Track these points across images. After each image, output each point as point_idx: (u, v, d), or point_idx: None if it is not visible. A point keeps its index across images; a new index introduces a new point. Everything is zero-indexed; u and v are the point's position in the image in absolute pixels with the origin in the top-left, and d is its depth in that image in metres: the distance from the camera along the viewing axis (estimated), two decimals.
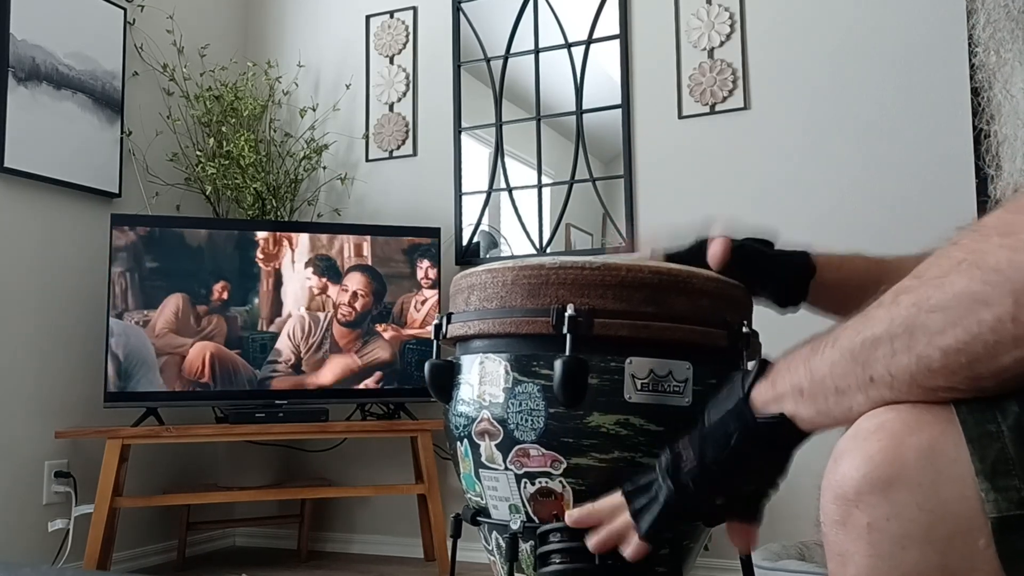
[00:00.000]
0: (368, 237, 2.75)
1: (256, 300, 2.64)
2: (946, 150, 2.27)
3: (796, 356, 0.69)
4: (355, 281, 2.72)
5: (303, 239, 2.70)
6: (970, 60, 1.94)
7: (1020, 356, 0.50)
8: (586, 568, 0.88)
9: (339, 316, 2.69)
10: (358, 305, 2.71)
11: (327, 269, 2.71)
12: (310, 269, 2.70)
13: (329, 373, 2.66)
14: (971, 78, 2.09)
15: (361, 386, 2.69)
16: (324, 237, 2.72)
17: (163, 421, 2.55)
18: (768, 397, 0.72)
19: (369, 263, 2.73)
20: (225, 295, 2.61)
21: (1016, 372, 0.52)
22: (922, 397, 0.58)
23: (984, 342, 0.51)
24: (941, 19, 2.30)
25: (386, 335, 2.71)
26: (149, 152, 2.87)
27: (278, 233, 2.70)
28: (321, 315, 2.68)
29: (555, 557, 0.89)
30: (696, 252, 0.99)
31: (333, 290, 2.70)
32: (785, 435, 0.72)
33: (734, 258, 0.98)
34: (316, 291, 2.69)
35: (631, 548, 0.83)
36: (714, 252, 0.98)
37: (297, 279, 2.68)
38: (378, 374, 2.69)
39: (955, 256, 0.53)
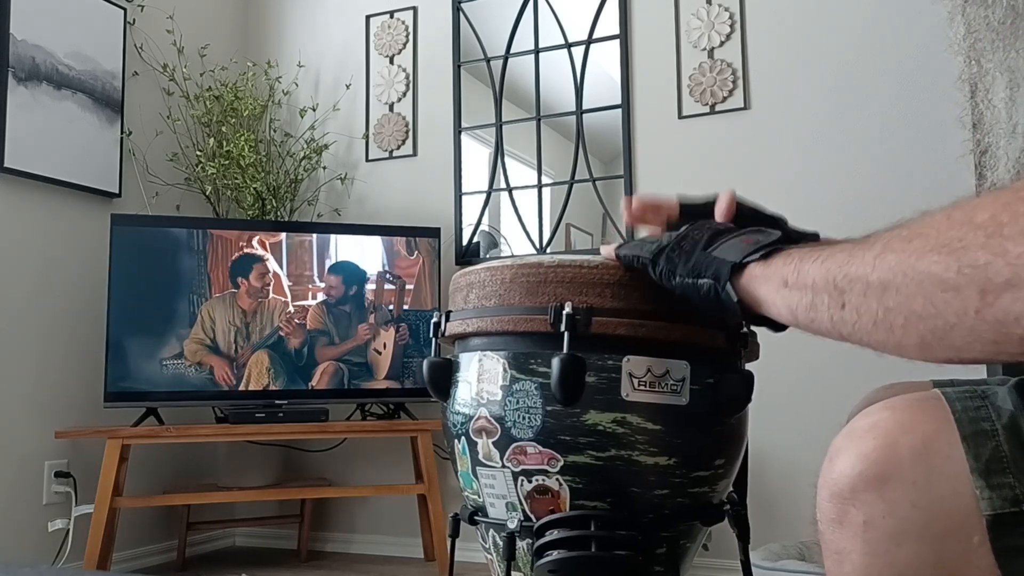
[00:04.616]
0: (368, 237, 2.75)
1: (255, 299, 2.64)
2: (947, 149, 2.27)
3: (796, 251, 0.71)
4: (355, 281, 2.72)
5: (302, 239, 2.70)
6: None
7: (971, 341, 0.53)
8: (583, 559, 0.88)
9: (338, 316, 2.69)
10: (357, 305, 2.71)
11: (327, 269, 2.71)
12: (309, 269, 2.70)
13: (330, 372, 2.67)
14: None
15: (361, 386, 2.69)
16: (323, 237, 2.72)
17: (163, 421, 2.55)
18: (757, 273, 0.74)
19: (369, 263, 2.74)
20: (226, 295, 2.62)
21: (964, 355, 0.55)
22: (878, 345, 0.60)
23: (946, 322, 0.54)
24: (940, 21, 2.30)
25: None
26: (149, 152, 2.87)
27: (278, 233, 2.70)
28: (321, 315, 2.68)
29: (552, 550, 0.89)
30: (706, 206, 0.99)
31: (332, 290, 2.70)
32: (742, 315, 0.76)
33: (740, 214, 0.98)
34: (315, 291, 2.69)
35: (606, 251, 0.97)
36: (721, 203, 0.98)
37: (296, 279, 2.68)
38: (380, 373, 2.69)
39: (942, 237, 0.55)
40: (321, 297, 2.69)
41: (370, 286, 2.73)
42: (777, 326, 0.77)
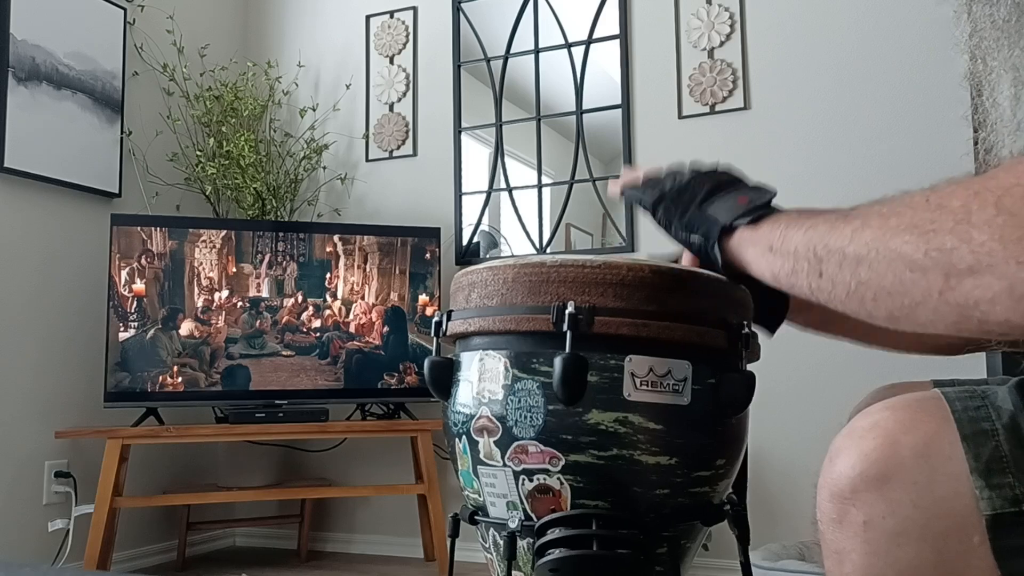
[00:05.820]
0: (368, 237, 2.75)
1: (255, 299, 2.64)
2: (947, 148, 2.27)
3: (785, 217, 0.73)
4: (354, 281, 2.72)
5: (303, 239, 2.70)
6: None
7: (935, 319, 0.56)
8: (584, 558, 0.88)
9: (338, 316, 2.70)
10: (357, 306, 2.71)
11: (326, 269, 2.71)
12: (310, 268, 2.70)
13: (328, 371, 2.67)
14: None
15: (361, 386, 2.69)
16: (324, 237, 2.73)
17: (163, 421, 2.55)
18: (745, 236, 0.77)
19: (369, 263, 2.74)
20: (227, 295, 2.62)
21: (929, 330, 0.58)
22: (851, 312, 0.63)
23: (912, 299, 0.56)
24: (942, 21, 2.30)
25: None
26: (149, 152, 2.87)
27: (278, 233, 2.70)
28: (321, 315, 2.68)
29: (553, 549, 0.89)
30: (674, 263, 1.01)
31: (331, 290, 2.70)
32: (727, 274, 0.81)
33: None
34: (315, 291, 2.69)
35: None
36: (684, 262, 1.01)
37: (296, 278, 2.68)
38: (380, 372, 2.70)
39: (916, 218, 0.57)
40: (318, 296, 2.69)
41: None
42: (761, 286, 0.78)
